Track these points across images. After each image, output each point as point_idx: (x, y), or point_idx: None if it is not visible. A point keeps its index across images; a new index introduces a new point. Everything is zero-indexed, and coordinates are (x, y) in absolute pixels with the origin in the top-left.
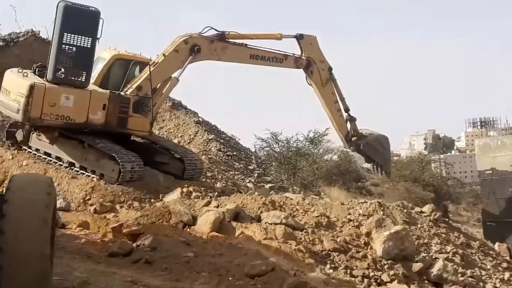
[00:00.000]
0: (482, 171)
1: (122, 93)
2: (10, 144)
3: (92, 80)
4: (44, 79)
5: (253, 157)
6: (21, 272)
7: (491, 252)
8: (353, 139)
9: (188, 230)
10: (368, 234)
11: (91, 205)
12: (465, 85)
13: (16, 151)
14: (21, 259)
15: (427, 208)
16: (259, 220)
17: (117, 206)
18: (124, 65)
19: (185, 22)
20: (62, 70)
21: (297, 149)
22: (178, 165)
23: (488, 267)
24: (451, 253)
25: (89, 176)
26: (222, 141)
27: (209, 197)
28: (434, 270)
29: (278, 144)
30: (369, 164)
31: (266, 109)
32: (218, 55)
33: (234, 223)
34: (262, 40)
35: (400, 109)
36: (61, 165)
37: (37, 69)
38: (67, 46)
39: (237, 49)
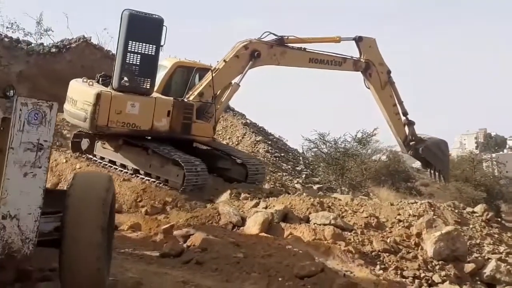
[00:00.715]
0: None
1: (185, 100)
2: (77, 154)
3: (154, 88)
4: (110, 87)
5: (300, 158)
6: (79, 258)
7: None
8: (411, 143)
9: (237, 231)
10: (419, 234)
11: (142, 206)
12: None
13: (70, 156)
14: (79, 245)
15: (479, 208)
16: (307, 221)
17: (168, 208)
18: (186, 73)
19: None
20: (126, 78)
21: (345, 149)
22: (240, 170)
23: None
24: (504, 253)
25: (143, 178)
26: (269, 142)
27: (257, 198)
28: (487, 271)
29: (326, 145)
30: (426, 170)
31: (313, 110)
32: (277, 60)
33: (282, 224)
34: (320, 43)
35: (450, 108)
36: (126, 172)
37: (100, 78)
38: (132, 54)
39: (296, 53)
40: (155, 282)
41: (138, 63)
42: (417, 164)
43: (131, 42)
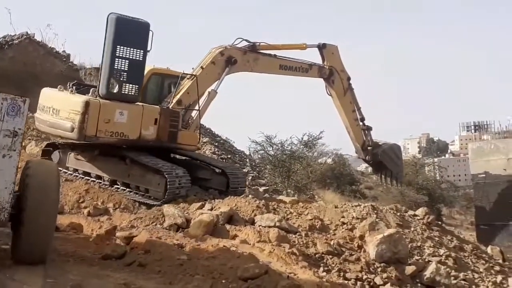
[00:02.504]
0: (475, 175)
1: (170, 108)
2: None
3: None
4: (92, 95)
5: (247, 160)
6: (40, 227)
7: (483, 255)
8: (368, 148)
9: (181, 233)
10: (362, 237)
11: (85, 207)
12: (460, 89)
13: None
14: (40, 217)
15: (420, 212)
16: (253, 223)
17: (111, 209)
18: (160, 80)
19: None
20: (114, 85)
21: (291, 152)
22: (221, 180)
23: (481, 270)
24: (444, 256)
25: (123, 190)
26: (216, 144)
27: (203, 200)
28: (427, 273)
29: (273, 147)
30: (377, 174)
31: (261, 112)
32: (250, 67)
33: (227, 226)
34: (286, 50)
35: (393, 113)
36: (102, 183)
37: (74, 87)
38: (119, 60)
39: (268, 60)
40: (96, 284)
41: (126, 69)
42: (361, 167)
43: (118, 47)
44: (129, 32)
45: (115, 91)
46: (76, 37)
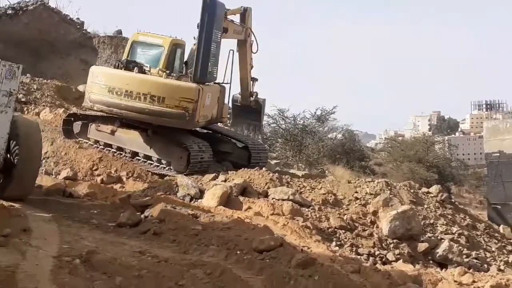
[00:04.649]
0: (489, 154)
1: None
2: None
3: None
4: (185, 78)
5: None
6: (30, 168)
7: (496, 234)
8: (252, 97)
9: (195, 203)
10: (375, 213)
11: (98, 175)
12: (472, 67)
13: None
14: (31, 159)
15: (434, 189)
16: (266, 195)
17: (124, 178)
18: (180, 50)
19: None
20: (211, 69)
21: (303, 126)
22: (243, 153)
23: (493, 249)
24: (456, 234)
25: (144, 162)
26: (228, 115)
27: (217, 171)
28: (440, 251)
29: (285, 121)
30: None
31: (274, 85)
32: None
33: (241, 198)
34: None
35: (405, 89)
36: (123, 155)
37: (123, 64)
38: (214, 44)
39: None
40: (111, 251)
41: (215, 52)
42: (371, 143)
43: (215, 31)
44: (219, 16)
45: (214, 75)
46: (90, 4)
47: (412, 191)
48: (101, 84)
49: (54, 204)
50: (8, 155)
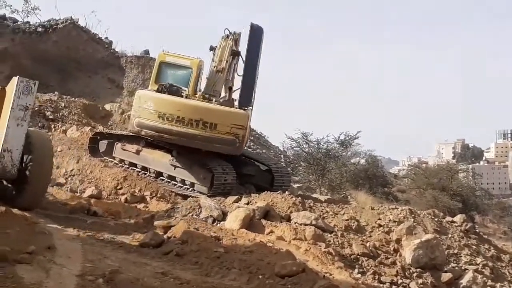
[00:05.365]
0: None
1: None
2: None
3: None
4: (228, 103)
5: (281, 156)
6: (42, 179)
7: None
8: None
9: (217, 225)
10: (398, 240)
11: (122, 194)
12: (497, 96)
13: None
14: (43, 170)
15: (458, 218)
16: (288, 219)
17: (147, 197)
18: (202, 71)
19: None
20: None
21: (327, 150)
22: (266, 176)
23: None
24: (481, 265)
25: (168, 182)
26: (252, 138)
27: (239, 193)
28: (464, 282)
29: (308, 145)
30: None
31: (295, 109)
32: None
33: (263, 221)
34: None
35: (430, 116)
36: (147, 174)
37: (166, 89)
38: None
39: None
40: (134, 271)
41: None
42: (394, 169)
43: (260, 57)
44: (262, 41)
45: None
46: (118, 24)
47: (436, 219)
48: (150, 109)
49: (78, 222)
50: (21, 167)
